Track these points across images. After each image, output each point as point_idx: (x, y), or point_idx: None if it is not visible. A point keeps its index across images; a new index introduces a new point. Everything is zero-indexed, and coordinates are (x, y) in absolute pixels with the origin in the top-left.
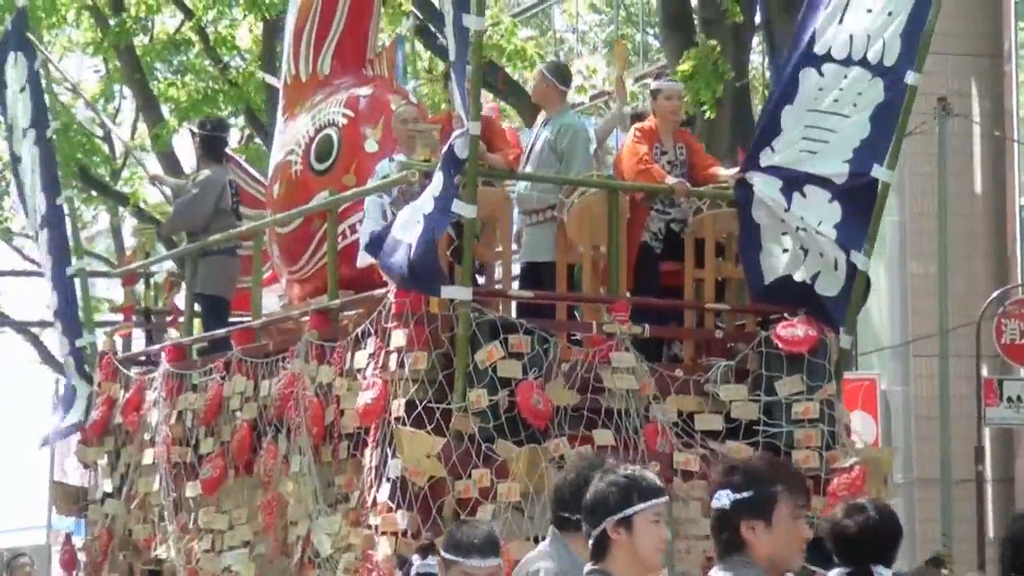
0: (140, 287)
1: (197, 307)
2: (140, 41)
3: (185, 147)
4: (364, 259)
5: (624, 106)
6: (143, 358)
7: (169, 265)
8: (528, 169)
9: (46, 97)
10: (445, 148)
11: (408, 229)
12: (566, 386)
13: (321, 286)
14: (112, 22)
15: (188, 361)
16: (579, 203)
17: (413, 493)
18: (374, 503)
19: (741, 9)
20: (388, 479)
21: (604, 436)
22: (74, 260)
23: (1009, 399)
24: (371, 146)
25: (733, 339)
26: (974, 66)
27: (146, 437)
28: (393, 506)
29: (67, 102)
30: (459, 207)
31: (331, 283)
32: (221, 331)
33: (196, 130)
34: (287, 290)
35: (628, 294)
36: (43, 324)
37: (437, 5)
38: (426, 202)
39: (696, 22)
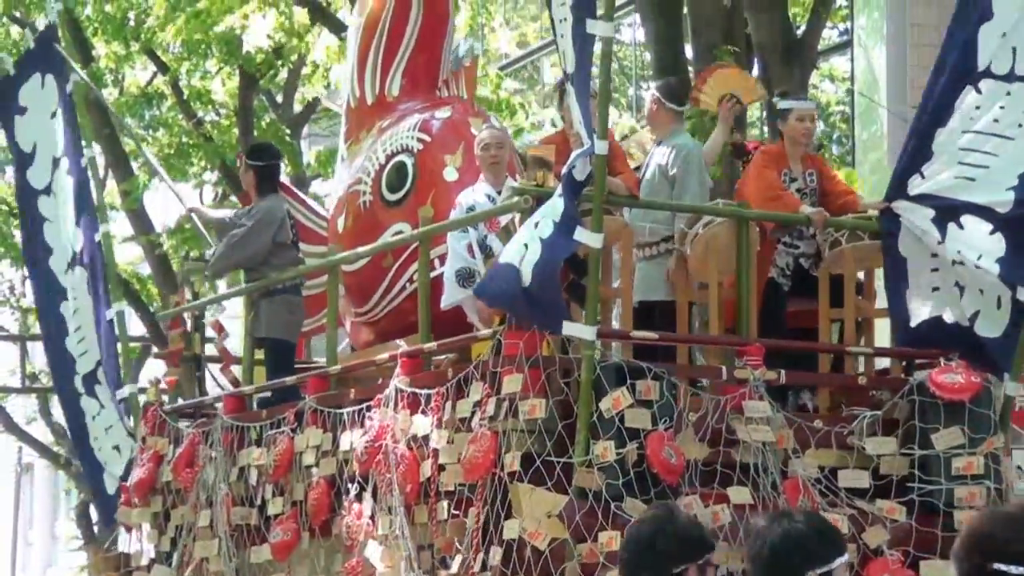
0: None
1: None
2: (110, 94)
3: (156, 204)
4: (449, 299)
5: (728, 130)
6: (192, 409)
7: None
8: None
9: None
10: (564, 170)
11: (520, 255)
12: (696, 438)
13: (393, 329)
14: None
15: (249, 412)
16: (704, 234)
17: (532, 558)
18: (483, 568)
19: (737, 62)
20: (501, 542)
21: (741, 494)
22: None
23: (1019, 467)
24: (451, 174)
25: (875, 386)
26: None
27: (202, 497)
28: (508, 572)
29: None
30: (583, 236)
31: (423, 323)
32: (291, 378)
33: (250, 160)
34: (352, 334)
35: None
36: (4, 390)
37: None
38: (544, 227)
39: (691, 75)
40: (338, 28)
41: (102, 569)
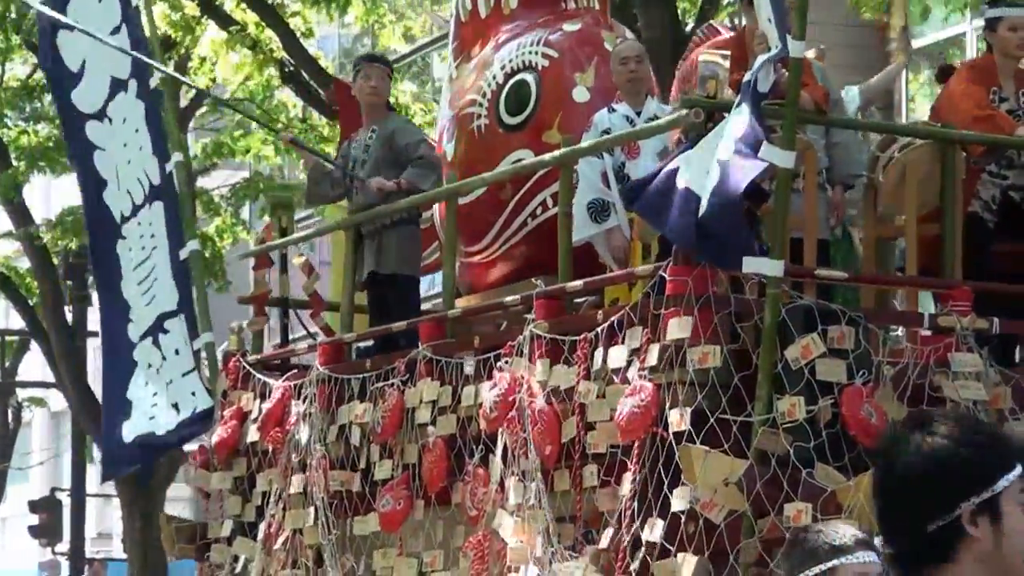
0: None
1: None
2: None
3: (34, 197)
4: (580, 234)
5: (905, 60)
6: (280, 360)
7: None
8: None
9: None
10: (746, 78)
11: (693, 179)
12: (895, 395)
13: (512, 270)
14: None
15: (349, 362)
16: (901, 158)
17: (703, 532)
18: (638, 545)
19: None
20: (664, 513)
21: None
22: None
23: None
24: (581, 94)
25: None
26: None
27: (294, 459)
28: (673, 549)
29: None
30: (772, 154)
31: (562, 259)
32: (399, 323)
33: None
34: (464, 274)
35: None
36: None
37: None
38: (720, 146)
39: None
40: (226, 22)
41: (176, 541)
